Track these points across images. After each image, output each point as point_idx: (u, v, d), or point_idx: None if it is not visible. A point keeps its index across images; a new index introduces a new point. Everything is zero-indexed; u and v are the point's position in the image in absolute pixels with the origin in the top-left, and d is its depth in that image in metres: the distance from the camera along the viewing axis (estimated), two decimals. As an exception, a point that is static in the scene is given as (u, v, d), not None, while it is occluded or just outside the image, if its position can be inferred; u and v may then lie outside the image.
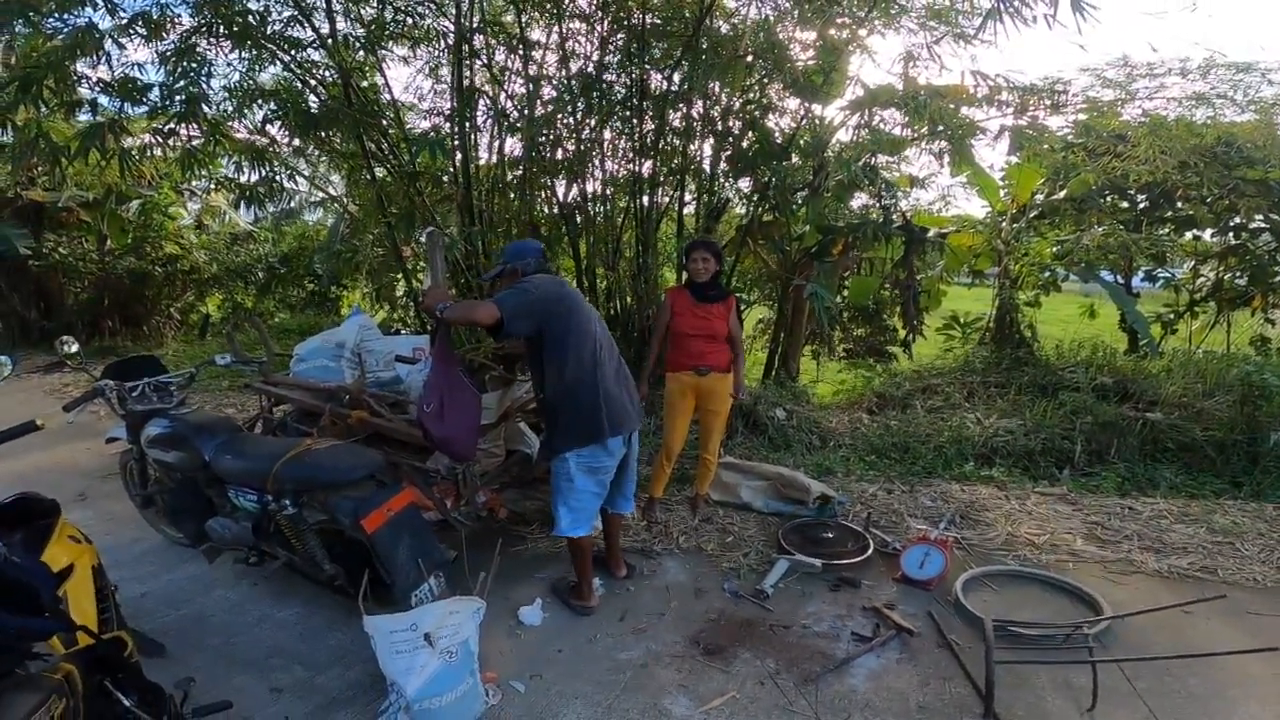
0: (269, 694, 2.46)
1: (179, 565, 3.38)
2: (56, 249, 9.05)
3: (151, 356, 3.49)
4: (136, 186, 8.89)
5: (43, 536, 1.76)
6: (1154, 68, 4.96)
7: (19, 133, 5.33)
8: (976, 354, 6.49)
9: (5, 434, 1.87)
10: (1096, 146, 5.34)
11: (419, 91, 5.70)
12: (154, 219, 9.37)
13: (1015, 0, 3.38)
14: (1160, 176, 5.19)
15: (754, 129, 4.94)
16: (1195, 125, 4.92)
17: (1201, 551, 3.55)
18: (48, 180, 8.75)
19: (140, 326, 9.92)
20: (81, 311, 9.52)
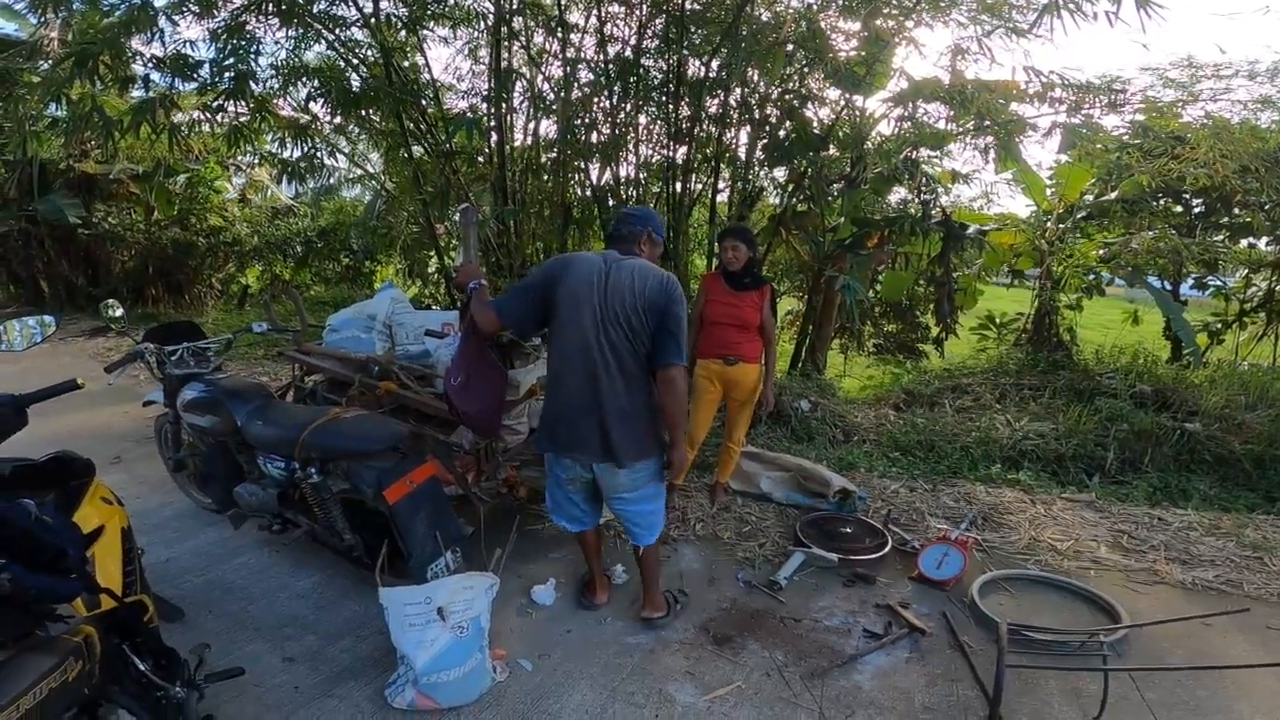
0: (281, 663, 2.50)
1: (204, 531, 3.46)
2: (106, 218, 9.36)
3: (191, 322, 3.58)
4: (185, 160, 9.14)
5: (76, 496, 1.77)
6: (1220, 69, 4.75)
7: (73, 107, 5.50)
8: (1011, 355, 6.36)
9: (47, 391, 1.90)
10: (1153, 148, 5.14)
11: (457, 72, 5.74)
12: (200, 192, 9.63)
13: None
14: (1219, 180, 5.00)
15: (792, 118, 4.86)
16: (1259, 129, 4.71)
17: (1229, 565, 3.46)
18: (100, 153, 9.03)
19: (182, 295, 10.24)
20: (127, 279, 9.85)
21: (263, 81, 4.96)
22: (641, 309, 2.33)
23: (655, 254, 2.60)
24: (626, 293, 2.33)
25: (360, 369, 3.68)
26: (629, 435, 2.40)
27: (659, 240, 2.61)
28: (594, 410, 2.38)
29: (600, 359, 2.36)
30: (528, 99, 5.37)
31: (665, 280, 2.39)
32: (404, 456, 2.62)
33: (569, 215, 5.58)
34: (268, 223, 10.55)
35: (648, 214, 2.61)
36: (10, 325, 2.17)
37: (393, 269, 10.75)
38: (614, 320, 2.34)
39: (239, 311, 9.88)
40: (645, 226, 2.54)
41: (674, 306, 2.35)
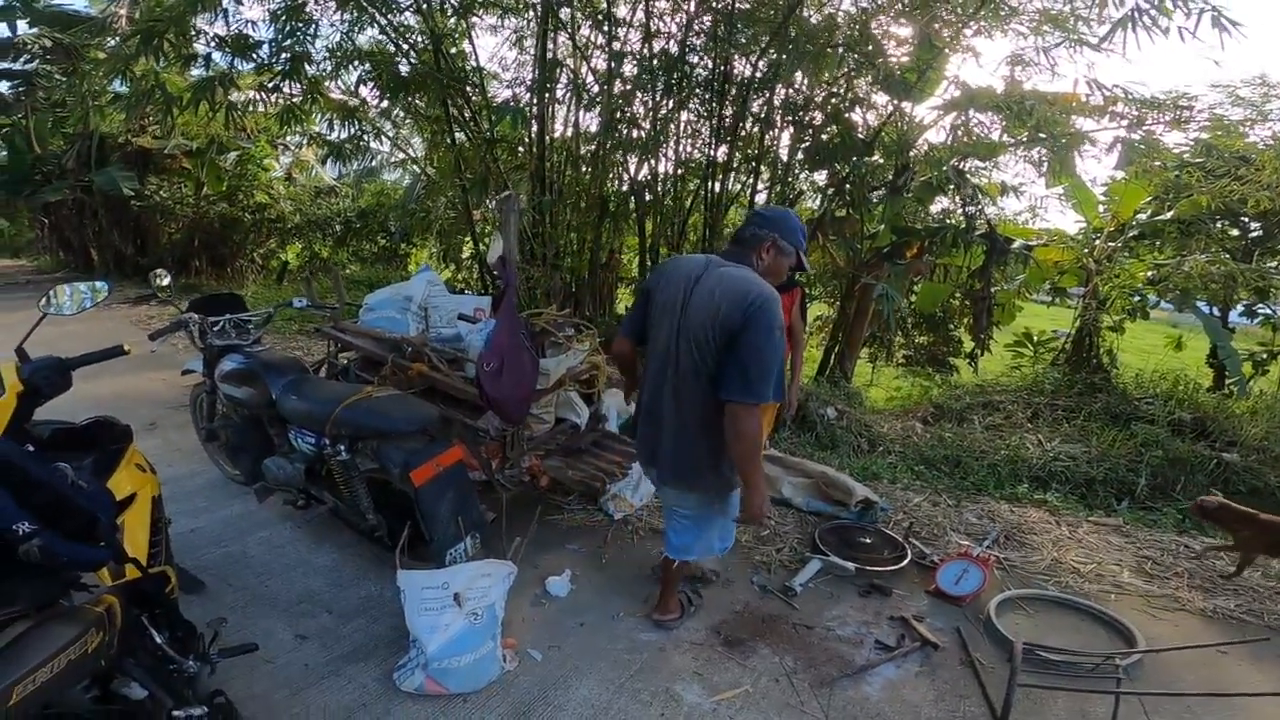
0: (294, 639, 2.51)
1: (230, 503, 3.50)
2: (158, 191, 9.66)
3: (234, 294, 3.65)
4: (236, 138, 9.38)
5: (112, 462, 1.77)
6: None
7: (135, 83, 5.67)
8: (1047, 375, 6.22)
9: (93, 356, 1.91)
10: (1216, 167, 4.98)
11: (502, 61, 5.79)
12: (249, 169, 9.87)
13: (1151, 11, 3.17)
14: (1279, 204, 4.83)
15: (837, 122, 4.81)
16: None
17: (1252, 595, 3.39)
18: (158, 129, 9.32)
19: (225, 268, 10.53)
20: (173, 250, 10.17)
21: (317, 63, 5.05)
22: (713, 327, 2.11)
23: (780, 265, 2.28)
24: (704, 307, 2.13)
25: (394, 349, 3.74)
26: (676, 456, 2.33)
27: (788, 249, 2.26)
28: (656, 421, 2.36)
29: (671, 373, 2.25)
30: (570, 91, 5.38)
31: (749, 299, 2.06)
32: (432, 439, 2.64)
33: (605, 208, 5.60)
34: (310, 202, 10.77)
35: (781, 217, 2.29)
36: (60, 289, 2.18)
37: (426, 252, 10.90)
38: (687, 335, 2.17)
39: (277, 286, 10.12)
40: (772, 231, 2.23)
41: (750, 333, 2.04)
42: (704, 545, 2.53)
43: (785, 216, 2.29)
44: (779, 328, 2.08)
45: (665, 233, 5.56)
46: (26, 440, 1.63)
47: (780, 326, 2.10)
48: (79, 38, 7.37)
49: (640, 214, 5.55)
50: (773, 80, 4.69)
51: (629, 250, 6.99)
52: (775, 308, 2.08)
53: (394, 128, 7.05)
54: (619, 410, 3.90)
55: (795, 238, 2.27)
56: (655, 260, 5.66)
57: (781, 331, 2.11)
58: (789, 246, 2.26)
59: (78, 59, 7.36)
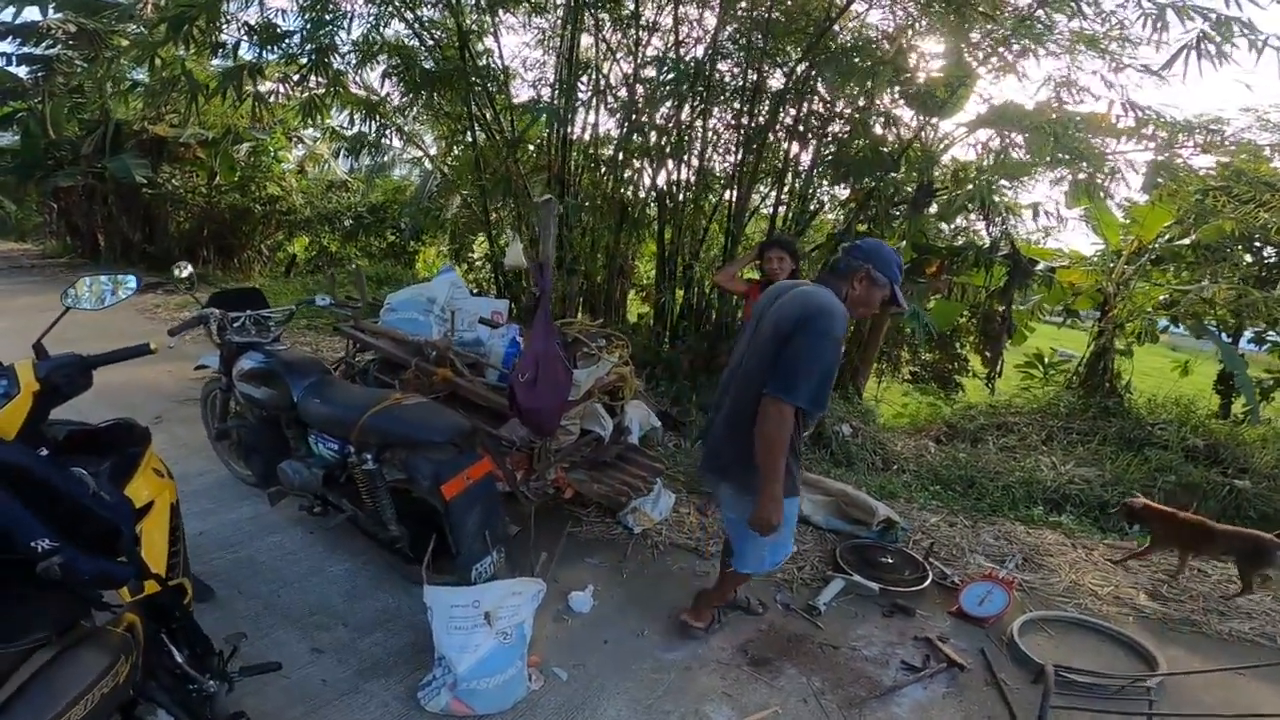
0: (309, 653, 2.42)
1: (238, 504, 3.38)
2: (170, 179, 9.59)
3: (256, 289, 3.55)
4: (252, 129, 9.34)
5: (130, 466, 1.66)
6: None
7: (156, 71, 5.62)
8: (1062, 398, 6.22)
9: (120, 354, 1.83)
10: (1242, 193, 4.98)
11: (527, 61, 5.76)
12: (263, 160, 9.83)
13: (1215, 38, 3.16)
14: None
15: (864, 136, 4.79)
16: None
17: (1265, 618, 3.42)
18: (175, 117, 9.28)
19: (232, 258, 10.48)
20: (181, 239, 10.11)
21: (342, 56, 5.02)
22: (774, 330, 2.16)
23: (872, 297, 2.24)
24: (773, 316, 2.19)
25: (416, 352, 3.69)
26: (714, 443, 2.41)
27: (882, 281, 2.21)
28: (716, 421, 2.43)
29: (735, 377, 2.34)
30: (594, 93, 5.36)
31: (811, 306, 2.11)
32: (461, 450, 2.56)
33: (625, 213, 5.58)
34: (322, 195, 10.73)
35: (875, 249, 2.25)
36: (81, 282, 2.07)
37: (435, 250, 10.87)
38: (756, 343, 2.25)
39: (285, 279, 10.07)
40: (866, 262, 2.20)
41: (804, 335, 2.07)
42: (754, 555, 2.45)
43: (879, 248, 2.25)
44: (833, 339, 2.07)
45: (685, 241, 5.53)
46: (41, 443, 1.54)
47: (836, 341, 2.08)
48: (104, 23, 7.31)
49: (661, 221, 5.52)
50: (801, 92, 4.66)
51: (643, 256, 6.98)
52: (836, 321, 2.08)
53: (415, 124, 7.02)
54: (641, 422, 3.87)
55: (890, 270, 2.22)
56: (673, 268, 5.64)
57: (837, 347, 2.09)
58: (882, 278, 2.21)
59: (101, 45, 7.30)
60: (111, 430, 1.76)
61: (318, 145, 10.51)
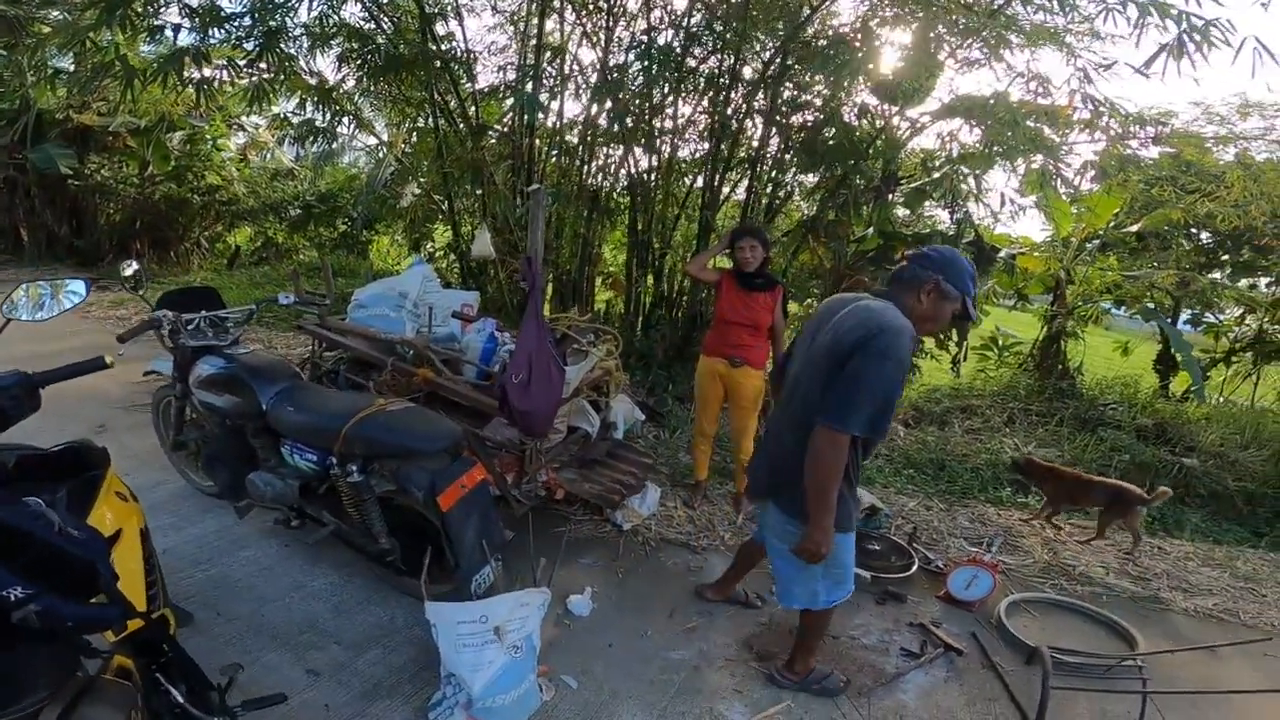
0: (305, 676, 2.29)
1: (201, 518, 3.16)
2: (99, 170, 9.01)
3: (210, 288, 3.26)
4: (188, 117, 8.83)
5: (89, 492, 1.50)
6: (1265, 108, 4.81)
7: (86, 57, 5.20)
8: (1019, 380, 6.44)
9: (71, 370, 1.65)
10: (1188, 183, 5.20)
11: (493, 46, 5.56)
12: (200, 149, 9.31)
13: (1195, 38, 3.25)
14: (1247, 222, 5.07)
15: (834, 124, 4.81)
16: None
17: (1225, 594, 3.62)
18: (102, 105, 8.70)
19: (168, 252, 9.90)
20: (112, 232, 9.50)
21: (293, 40, 4.75)
22: (830, 348, 2.00)
23: (941, 311, 2.04)
24: (830, 332, 2.03)
25: (390, 351, 3.54)
26: (761, 463, 2.31)
27: (953, 294, 2.01)
28: (767, 441, 2.31)
29: (790, 398, 2.19)
30: (560, 80, 5.23)
31: (873, 324, 1.92)
32: (453, 457, 2.45)
33: (595, 201, 5.49)
34: (266, 184, 10.24)
35: (950, 259, 2.05)
36: (19, 290, 1.84)
37: (389, 240, 10.52)
38: (811, 360, 2.10)
39: (229, 273, 9.60)
40: (936, 273, 2.01)
41: (861, 358, 1.88)
42: (805, 589, 2.28)
43: (954, 258, 2.05)
44: (894, 362, 1.88)
45: (657, 229, 5.47)
46: None
47: (899, 363, 1.89)
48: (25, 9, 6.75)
49: (633, 210, 5.45)
50: (774, 80, 4.64)
51: (608, 244, 6.89)
52: (898, 340, 1.89)
53: (370, 110, 6.74)
54: (626, 417, 3.82)
55: (963, 281, 2.01)
56: (647, 256, 5.57)
57: (900, 369, 1.90)
58: (954, 291, 2.00)
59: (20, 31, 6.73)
60: (64, 454, 1.58)
61: (260, 132, 10.00)
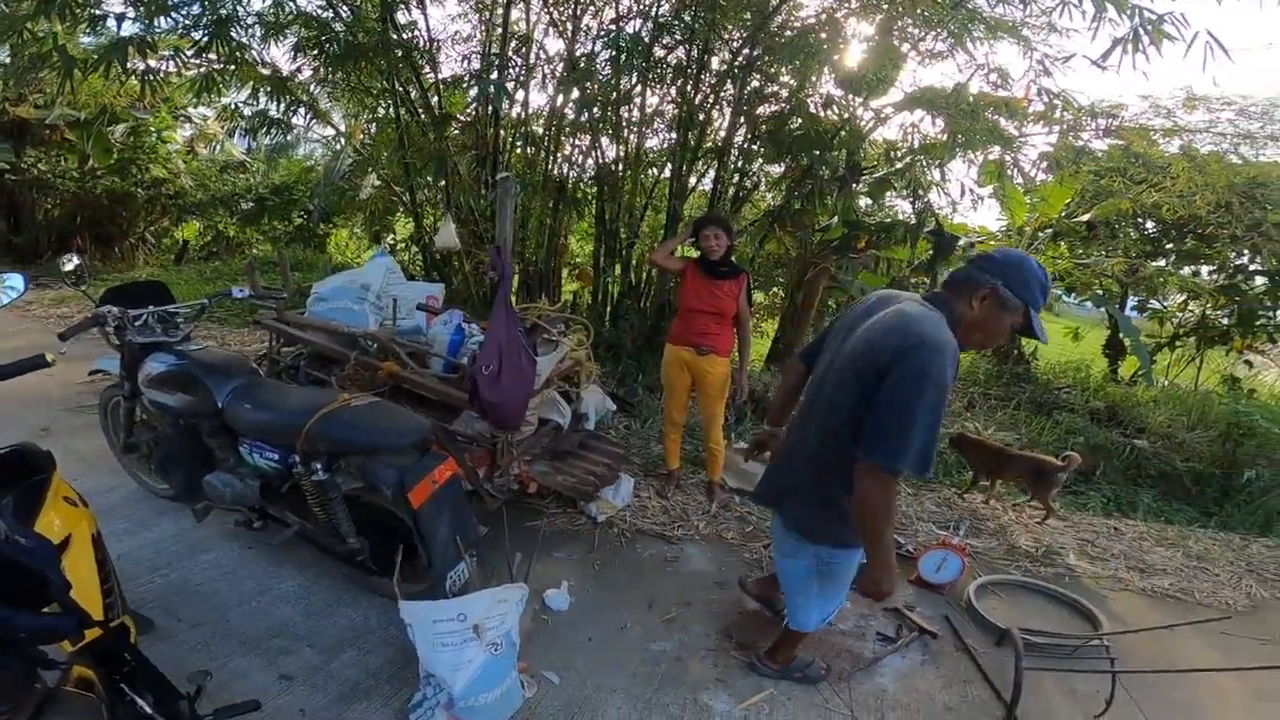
0: (278, 681, 2.22)
1: (157, 521, 3.03)
2: (36, 164, 8.58)
3: (159, 283, 3.11)
4: (131, 109, 8.46)
5: (34, 498, 1.46)
6: (1211, 102, 4.99)
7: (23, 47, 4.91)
8: (979, 365, 6.59)
9: (10, 369, 1.60)
10: (1136, 173, 5.38)
11: (457, 35, 5.43)
12: (144, 141, 8.93)
13: (1150, 30, 3.32)
14: (1191, 212, 5.27)
15: (800, 115, 4.84)
16: (1233, 164, 4.97)
17: (1179, 574, 3.74)
18: (40, 98, 8.29)
19: (112, 247, 9.50)
20: (51, 228, 9.07)
21: (246, 28, 4.56)
22: (862, 355, 1.78)
23: (997, 321, 1.79)
24: (863, 337, 1.82)
25: (353, 345, 3.45)
26: (778, 469, 2.17)
27: (1013, 303, 1.75)
28: (786, 439, 2.19)
29: (813, 401, 2.01)
30: (526, 69, 5.15)
31: (907, 337, 1.69)
32: (423, 452, 2.39)
33: (561, 191, 5.43)
34: (216, 177, 9.88)
35: (1015, 262, 1.77)
36: None
37: (349, 233, 10.26)
38: (838, 363, 1.90)
39: (177, 268, 9.24)
40: (995, 277, 1.75)
41: (893, 376, 1.66)
42: (799, 611, 2.21)
43: (1021, 262, 1.78)
44: (934, 383, 1.63)
45: (624, 220, 5.44)
46: None
47: (939, 385, 1.64)
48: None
49: (600, 200, 5.41)
50: (742, 70, 4.64)
51: (578, 235, 6.85)
52: (937, 357, 1.65)
53: (327, 101, 6.52)
54: (597, 407, 3.79)
55: (1028, 290, 1.75)
56: (615, 246, 5.53)
57: (939, 392, 1.65)
58: (1014, 300, 1.74)
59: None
60: (7, 458, 1.53)
61: (209, 124, 9.64)
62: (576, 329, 3.59)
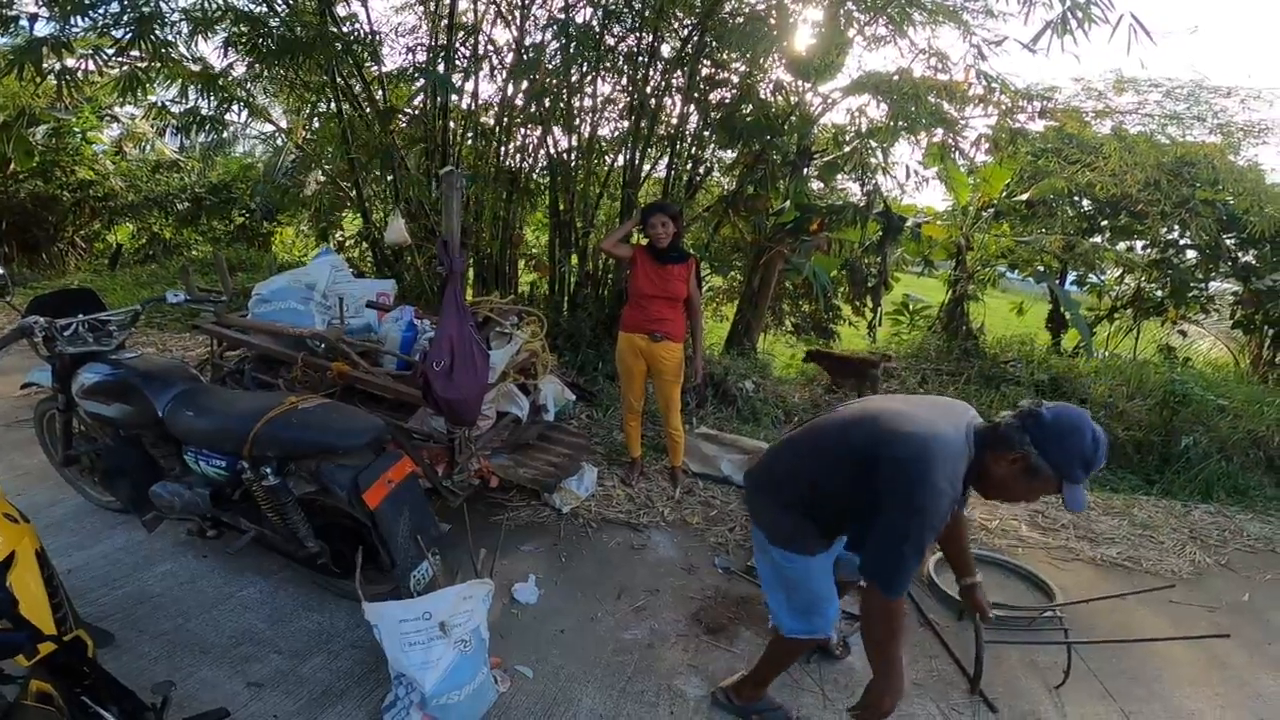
0: (246, 689, 2.17)
1: (107, 534, 2.94)
2: (-50, 171, 8.10)
3: (87, 290, 3.04)
4: (53, 109, 8.02)
5: None
6: (1139, 84, 5.18)
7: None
8: (930, 341, 6.75)
9: None
10: (1070, 154, 5.56)
11: (400, 26, 5.29)
12: (69, 142, 8.49)
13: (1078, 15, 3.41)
14: (1123, 190, 5.47)
15: (750, 101, 4.86)
16: (1160, 145, 5.18)
17: (1126, 543, 3.86)
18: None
19: (39, 254, 9.03)
20: (-31, 235, 8.57)
21: (170, 25, 4.36)
22: (863, 449, 1.70)
23: (1023, 488, 1.66)
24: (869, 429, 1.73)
25: (299, 346, 3.35)
26: (762, 467, 2.06)
27: (1045, 473, 1.58)
28: (772, 457, 2.07)
29: (807, 442, 1.95)
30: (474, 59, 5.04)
31: (913, 473, 1.58)
32: (376, 452, 2.35)
33: (514, 183, 5.35)
34: (148, 178, 9.45)
35: (1060, 433, 1.56)
36: None
37: (294, 231, 9.94)
38: (835, 423, 1.88)
39: (111, 273, 8.83)
40: (1031, 445, 1.58)
41: (899, 508, 1.59)
42: (774, 608, 2.09)
43: (1071, 433, 1.57)
44: (930, 522, 1.57)
45: (579, 209, 5.40)
46: None
47: (938, 521, 1.59)
48: None
49: (554, 190, 5.35)
50: (692, 57, 4.63)
51: (532, 225, 6.77)
52: (935, 503, 1.57)
53: (265, 97, 6.29)
54: (556, 398, 3.75)
55: (1068, 466, 1.57)
56: (570, 236, 5.48)
57: (936, 522, 1.59)
58: (1047, 471, 1.58)
59: None
60: None
61: (136, 123, 9.20)
62: (531, 320, 3.55)
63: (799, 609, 2.01)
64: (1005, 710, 2.43)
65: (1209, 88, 5.22)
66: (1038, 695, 2.52)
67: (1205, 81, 5.24)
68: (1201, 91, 5.19)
